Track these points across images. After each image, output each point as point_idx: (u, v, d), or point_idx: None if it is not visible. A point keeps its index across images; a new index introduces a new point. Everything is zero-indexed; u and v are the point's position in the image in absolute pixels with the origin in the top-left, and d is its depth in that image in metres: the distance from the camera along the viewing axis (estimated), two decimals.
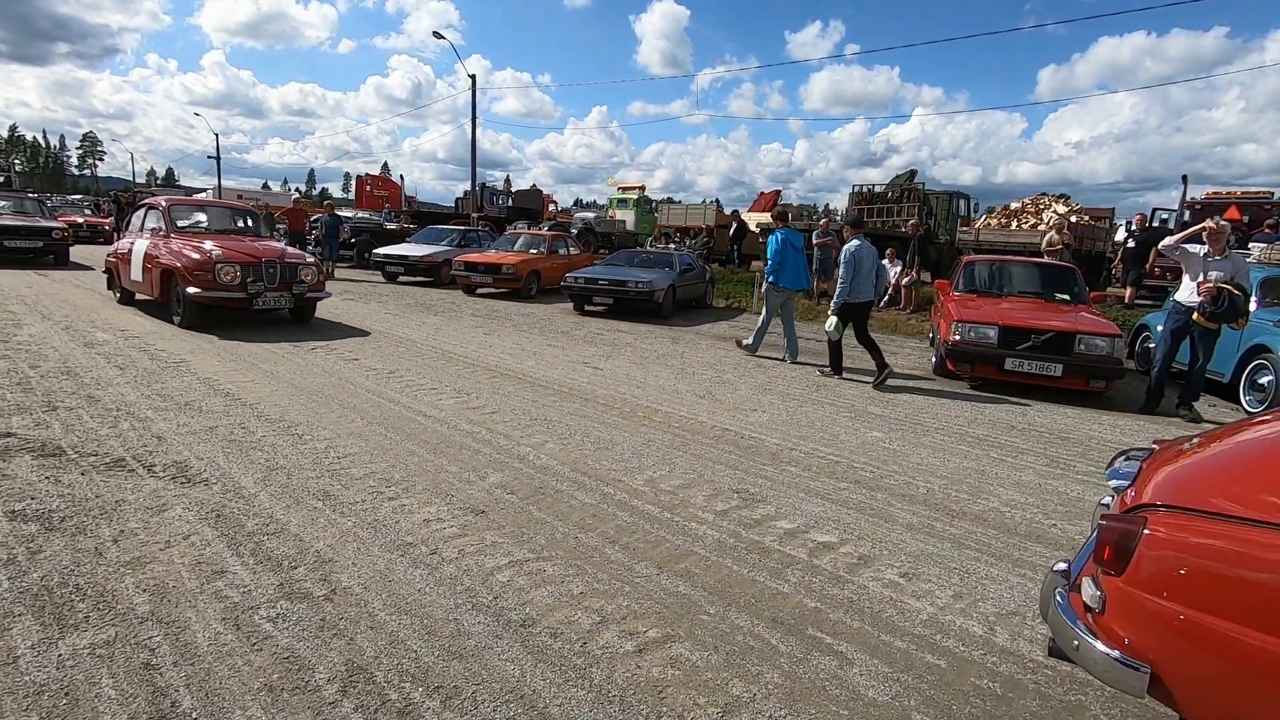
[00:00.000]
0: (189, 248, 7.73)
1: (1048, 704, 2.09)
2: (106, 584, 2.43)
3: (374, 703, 1.92)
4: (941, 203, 19.14)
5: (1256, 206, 14.08)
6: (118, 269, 9.14)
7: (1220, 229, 6.18)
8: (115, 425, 4.17)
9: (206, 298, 7.41)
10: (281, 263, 7.92)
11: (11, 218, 14.09)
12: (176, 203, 9.37)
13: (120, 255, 9.08)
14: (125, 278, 8.88)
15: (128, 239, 9.02)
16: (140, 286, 8.47)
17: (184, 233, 8.35)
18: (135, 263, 8.40)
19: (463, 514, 3.20)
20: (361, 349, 7.18)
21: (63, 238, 13.94)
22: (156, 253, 8.00)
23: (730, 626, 2.41)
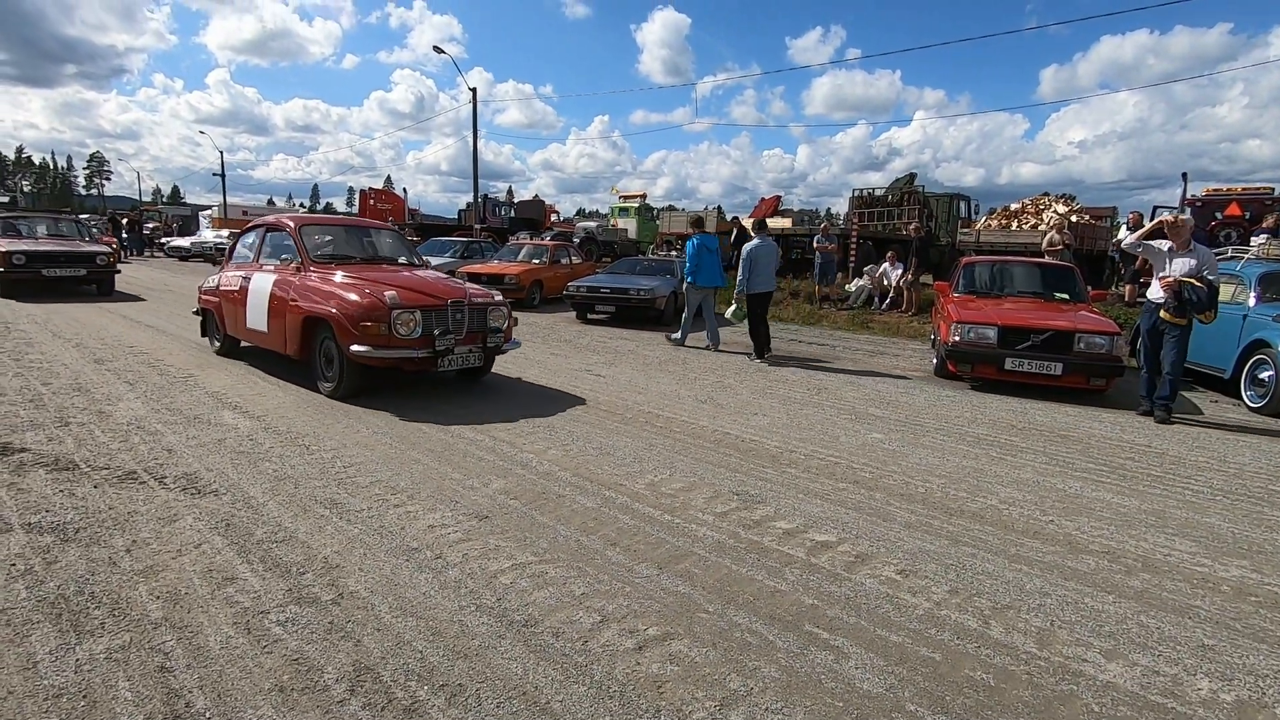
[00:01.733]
0: (345, 287, 5.46)
1: (1039, 693, 2.13)
2: (120, 592, 2.49)
3: (381, 701, 1.98)
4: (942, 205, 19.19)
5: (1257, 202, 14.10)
6: (219, 311, 7.01)
7: (1180, 223, 6.11)
8: (126, 439, 4.25)
9: (378, 359, 5.18)
10: (470, 305, 5.63)
11: (49, 242, 12.41)
12: (310, 222, 6.92)
13: (225, 293, 6.86)
14: (233, 323, 6.71)
15: (234, 271, 6.84)
16: (261, 337, 6.23)
17: (324, 265, 6.00)
18: (255, 305, 6.20)
19: (467, 519, 3.27)
20: None
21: (107, 264, 12.32)
22: (291, 293, 5.77)
23: (729, 624, 2.46)
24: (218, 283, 7.10)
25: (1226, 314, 7.15)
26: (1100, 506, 3.82)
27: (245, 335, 6.59)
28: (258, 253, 6.69)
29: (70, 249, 12.24)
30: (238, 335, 6.79)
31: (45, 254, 11.73)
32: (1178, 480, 4.35)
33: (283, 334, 5.88)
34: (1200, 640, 2.48)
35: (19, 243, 11.92)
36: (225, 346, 7.14)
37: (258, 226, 7.06)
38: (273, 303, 5.96)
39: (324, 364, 5.61)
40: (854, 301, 13.85)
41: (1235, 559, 3.20)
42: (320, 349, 5.63)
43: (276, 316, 5.92)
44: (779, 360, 8.53)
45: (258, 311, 6.17)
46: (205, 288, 7.42)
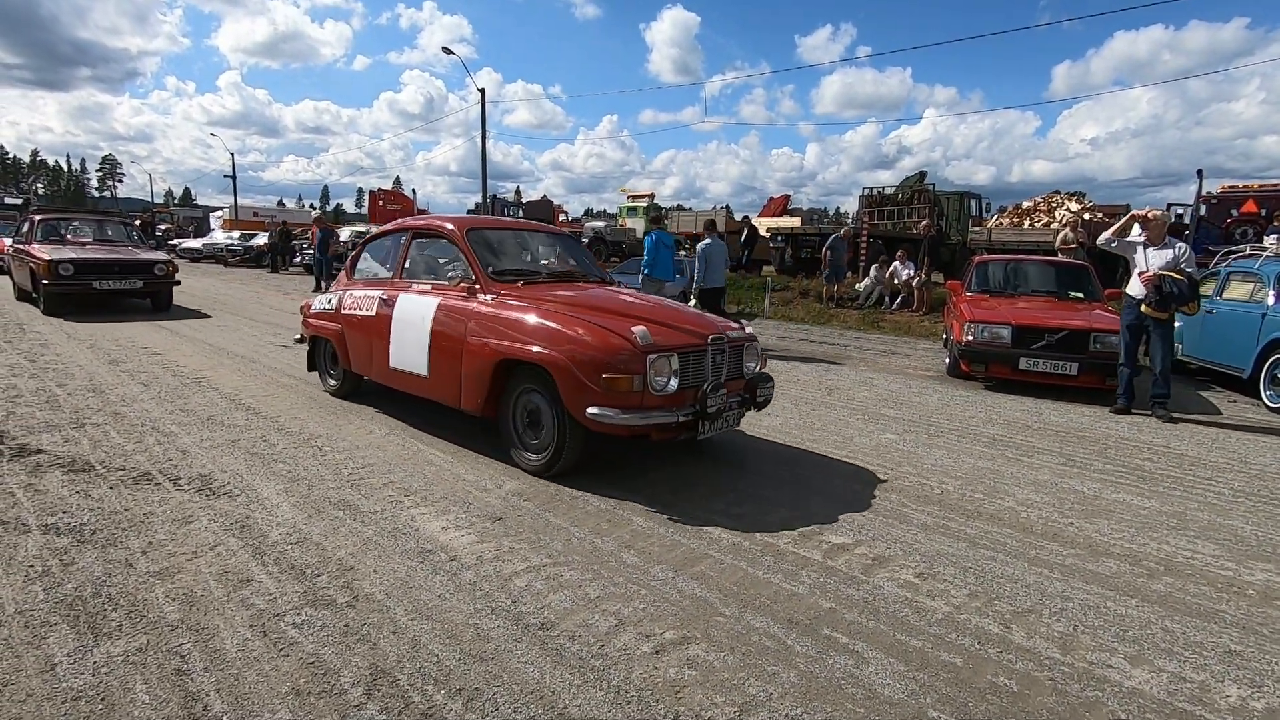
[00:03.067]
0: (562, 318, 3.82)
1: (1064, 700, 2.09)
2: (137, 594, 2.50)
3: (398, 705, 1.96)
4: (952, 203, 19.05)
5: (1274, 199, 13.90)
6: (339, 341, 5.33)
7: (1155, 218, 6.09)
8: (141, 440, 4.27)
9: (625, 425, 3.53)
10: (729, 341, 4.03)
11: (98, 248, 10.47)
12: (478, 225, 4.91)
13: (350, 319, 5.19)
14: (363, 359, 5.10)
15: (362, 290, 5.20)
16: (415, 382, 4.58)
17: (507, 284, 4.31)
18: (405, 339, 4.58)
19: (480, 521, 3.26)
20: None
21: (166, 274, 10.42)
22: (471, 325, 4.11)
23: (746, 627, 2.43)
24: (336, 304, 5.42)
25: (1245, 313, 7.06)
26: (1120, 509, 3.77)
27: (384, 376, 4.89)
28: (400, 266, 4.98)
29: (124, 257, 10.29)
30: (369, 374, 5.13)
31: (96, 263, 9.81)
32: (1198, 482, 4.29)
33: (455, 381, 4.20)
34: (1227, 646, 2.44)
35: (64, 249, 9.96)
36: (345, 386, 5.52)
37: (395, 232, 5.33)
38: (438, 337, 4.30)
39: (524, 426, 4.00)
40: (864, 301, 13.77)
41: (1260, 562, 3.15)
42: (517, 405, 4.02)
43: (445, 356, 4.26)
44: (790, 359, 8.49)
45: (411, 347, 4.50)
46: (317, 309, 5.70)
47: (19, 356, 6.67)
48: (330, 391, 5.67)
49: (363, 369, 5.20)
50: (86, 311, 10.00)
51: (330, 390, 5.69)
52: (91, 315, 9.77)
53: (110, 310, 10.38)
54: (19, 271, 10.84)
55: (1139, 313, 5.93)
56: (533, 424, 3.96)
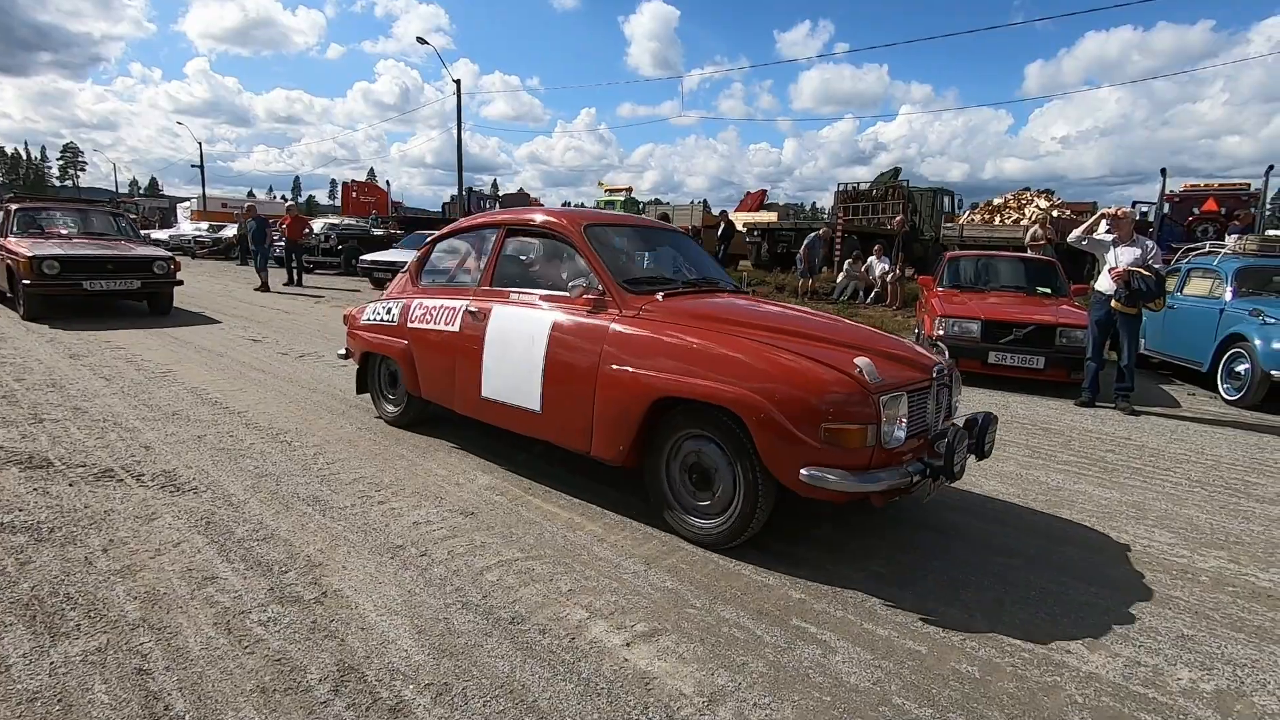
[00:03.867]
0: (740, 344, 2.95)
1: (1024, 685, 2.15)
2: (97, 592, 2.44)
3: (365, 701, 1.95)
4: (926, 199, 19.33)
5: (1233, 199, 14.32)
6: (406, 361, 4.33)
7: (1124, 216, 6.27)
8: (103, 436, 4.17)
9: (849, 491, 2.67)
10: (951, 371, 3.32)
11: (87, 243, 9.17)
12: (598, 221, 3.98)
13: (424, 335, 4.20)
14: (442, 383, 4.10)
15: (437, 300, 4.21)
16: (522, 418, 3.64)
17: (644, 294, 3.43)
18: (507, 362, 3.66)
19: (452, 515, 3.24)
20: None
21: (167, 273, 9.18)
22: (605, 349, 3.24)
23: (716, 619, 2.45)
24: (399, 315, 4.39)
25: (1204, 308, 7.26)
26: (1082, 499, 3.86)
27: (472, 407, 3.91)
28: (489, 271, 3.99)
29: (119, 252, 8.96)
30: (449, 404, 4.10)
31: (86, 260, 8.54)
32: (1157, 472, 4.41)
33: (582, 420, 3.27)
34: (1180, 630, 2.52)
35: (47, 244, 8.70)
36: (409, 414, 4.55)
37: (480, 228, 4.33)
38: (557, 364, 3.38)
39: (687, 482, 3.09)
40: (839, 295, 13.91)
41: (1213, 549, 3.25)
42: (674, 455, 3.11)
43: (568, 388, 3.34)
44: None
45: (514, 374, 3.58)
46: (371, 321, 4.67)
47: None
48: (389, 419, 4.68)
49: (439, 396, 4.17)
50: (78, 318, 8.82)
51: (389, 418, 4.68)
52: (81, 321, 8.62)
53: (101, 314, 9.21)
54: None
55: (1108, 308, 6.07)
56: (700, 480, 3.05)
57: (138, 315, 9.35)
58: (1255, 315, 6.55)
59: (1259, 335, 6.32)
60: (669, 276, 3.97)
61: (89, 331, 8.00)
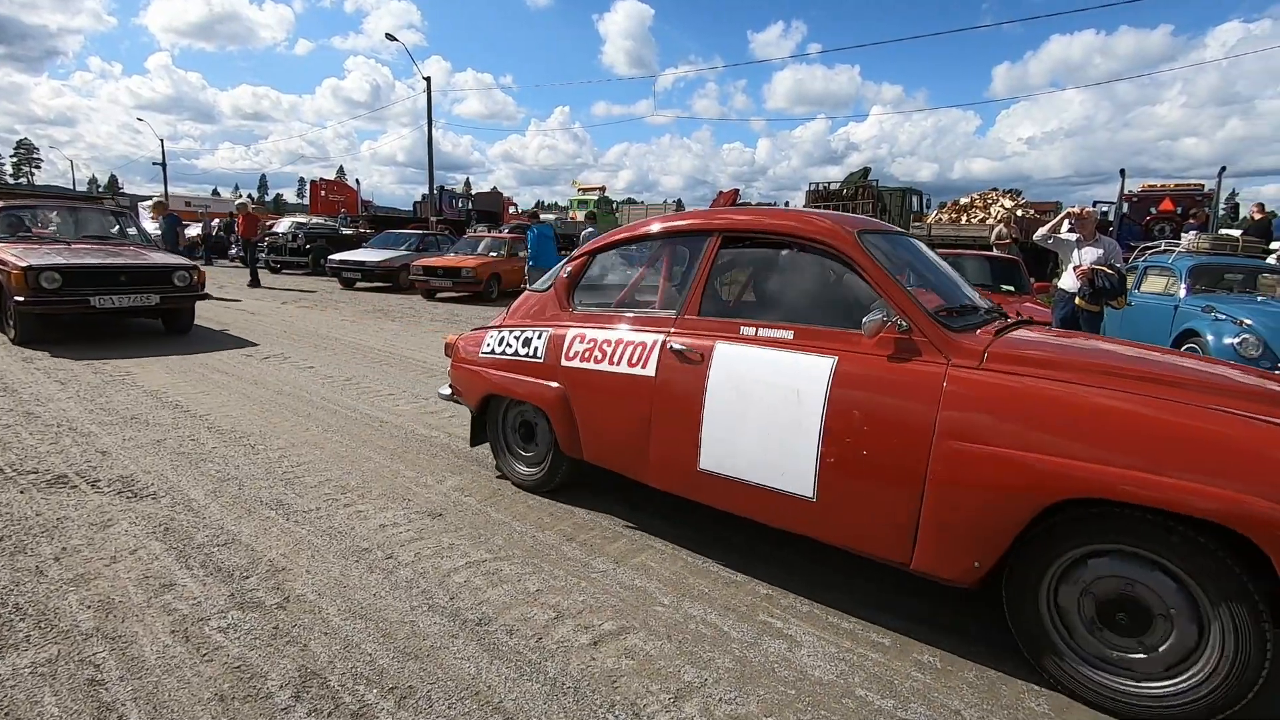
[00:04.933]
0: (1207, 415, 1.93)
1: (984, 675, 2.19)
2: (48, 602, 2.37)
3: (328, 706, 1.92)
4: (895, 199, 19.62)
5: (1188, 198, 14.78)
6: (564, 411, 3.28)
7: (1087, 215, 6.45)
8: (56, 441, 4.04)
9: None
10: None
11: (91, 249, 7.57)
12: (869, 228, 2.92)
13: (584, 377, 3.21)
14: (617, 444, 3.14)
15: (600, 331, 3.21)
16: (770, 504, 2.62)
17: (972, 336, 2.44)
18: (741, 424, 2.67)
19: (420, 518, 3.20)
20: (317, 356, 7.06)
21: (190, 285, 7.56)
22: (944, 420, 2.21)
23: (684, 616, 2.47)
24: (544, 347, 3.35)
25: (1160, 305, 7.49)
26: None
27: (682, 482, 2.91)
28: (698, 294, 2.97)
29: (131, 261, 7.34)
30: (629, 469, 3.11)
31: (94, 271, 6.90)
32: None
33: (902, 515, 2.31)
34: None
35: (43, 251, 7.07)
36: (556, 477, 3.48)
37: (678, 234, 3.29)
38: (847, 431, 2.41)
39: (1092, 621, 2.10)
40: None
41: None
42: (1060, 578, 2.13)
43: (876, 467, 2.36)
44: None
45: (767, 442, 2.59)
46: (499, 355, 3.55)
47: None
48: (522, 482, 3.61)
49: (615, 460, 3.14)
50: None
51: (522, 480, 3.61)
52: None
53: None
54: None
55: (1072, 306, 6.22)
56: (1126, 621, 2.03)
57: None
58: (1208, 311, 6.77)
59: (1211, 331, 6.53)
60: (970, 305, 2.89)
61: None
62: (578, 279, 3.53)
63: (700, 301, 2.97)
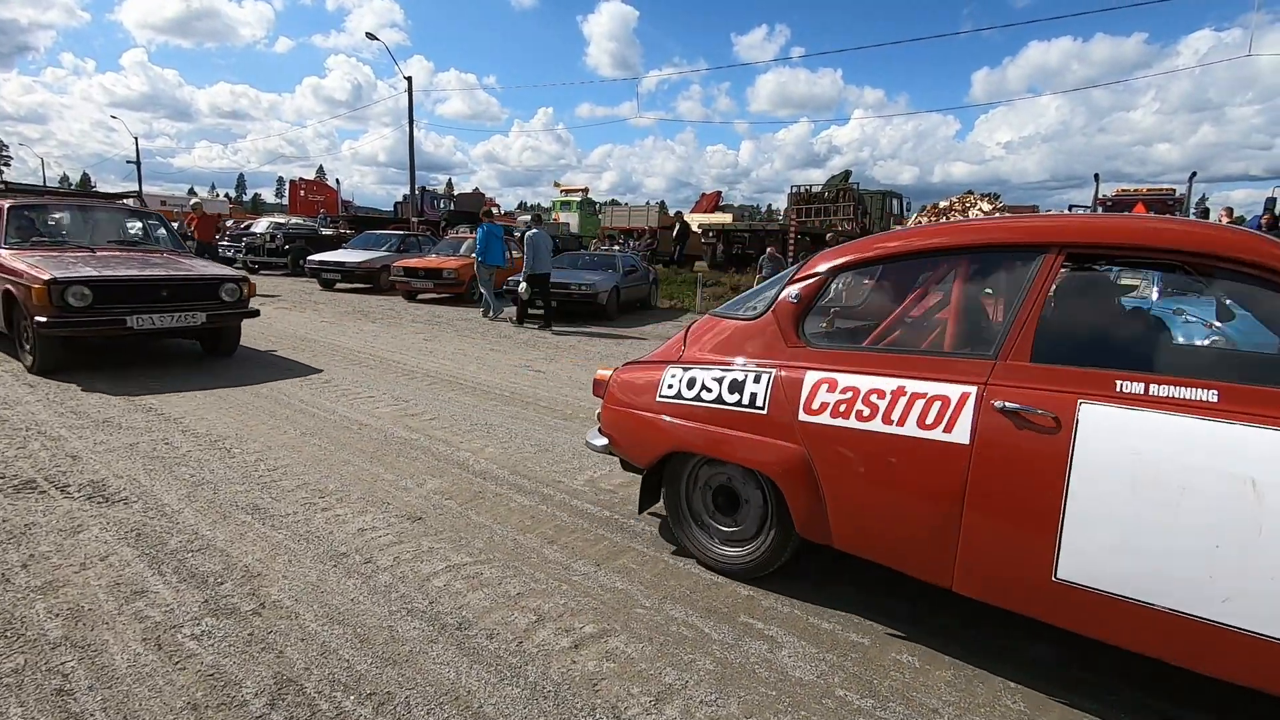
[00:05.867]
0: None
1: (961, 674, 2.22)
2: (15, 610, 2.31)
3: (304, 713, 1.89)
4: (875, 202, 19.81)
5: (1160, 202, 15.10)
6: (805, 478, 2.47)
7: None
8: (25, 445, 3.95)
9: None
10: None
11: (126, 258, 6.38)
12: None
13: (843, 438, 2.38)
14: (898, 532, 2.34)
15: (867, 378, 2.37)
16: (1178, 637, 1.85)
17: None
18: (1135, 521, 1.88)
19: (399, 521, 3.17)
20: (295, 358, 6.97)
21: (240, 299, 6.45)
22: None
23: (665, 618, 2.47)
24: (765, 393, 2.59)
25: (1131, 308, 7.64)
26: None
27: (1023, 591, 2.12)
28: (1028, 332, 2.18)
29: (173, 273, 6.10)
30: (919, 568, 2.35)
31: (132, 285, 5.74)
32: None
33: None
34: None
35: (66, 261, 5.88)
36: (782, 559, 2.74)
37: (982, 248, 2.53)
38: None
39: None
40: None
41: None
42: None
43: None
44: None
45: (1195, 554, 1.83)
46: (687, 400, 2.79)
47: None
48: (724, 567, 2.82)
49: (897, 554, 2.39)
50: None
51: (724, 564, 2.82)
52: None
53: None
54: None
55: None
56: None
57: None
58: (1178, 314, 6.92)
59: (1182, 333, 6.67)
60: None
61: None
62: (810, 304, 2.68)
63: (1033, 342, 2.18)
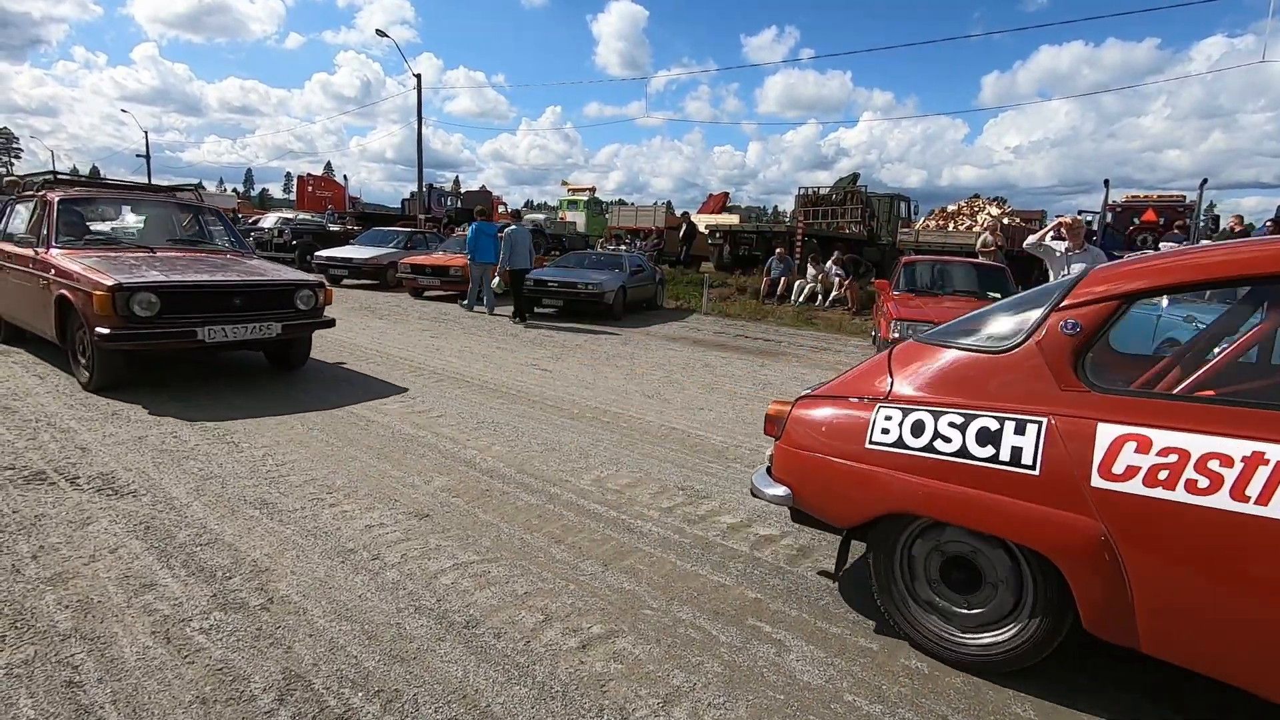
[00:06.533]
0: None
1: (970, 681, 2.20)
2: (24, 602, 2.32)
3: (312, 710, 1.89)
4: (883, 205, 19.74)
5: (1170, 209, 14.99)
6: (1115, 566, 1.88)
7: (1077, 224, 6.50)
8: (35, 437, 3.97)
9: None
10: None
11: (191, 261, 5.66)
12: None
13: (1161, 511, 1.80)
14: (1254, 643, 1.71)
15: (1219, 443, 1.72)
16: None
17: None
18: None
19: (406, 519, 3.17)
20: None
21: (315, 306, 5.67)
22: None
23: (673, 620, 2.46)
24: (1036, 450, 2.00)
25: (1141, 315, 7.58)
26: None
27: None
28: None
29: (249, 279, 5.38)
30: (1263, 682, 1.74)
31: (203, 292, 5.04)
32: None
33: None
34: None
35: (128, 264, 5.16)
36: (1044, 652, 2.14)
37: None
38: None
39: None
40: (797, 298, 14.12)
41: None
42: None
43: None
44: (726, 352, 8.63)
45: None
46: (916, 448, 2.21)
47: None
48: (954, 657, 2.28)
49: (1252, 672, 1.79)
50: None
51: (957, 654, 2.27)
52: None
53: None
54: (15, 299, 5.94)
55: None
56: None
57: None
58: (1189, 321, 6.86)
59: None
60: None
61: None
62: (1093, 338, 2.13)
63: None
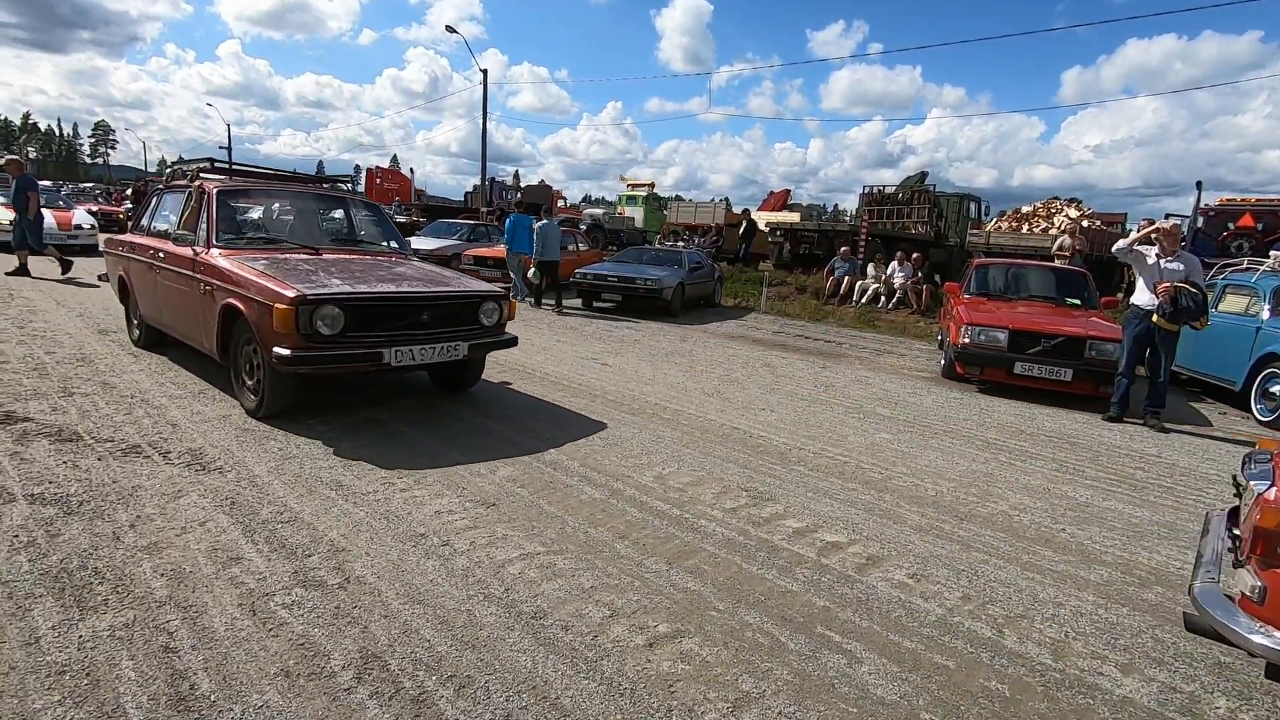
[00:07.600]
0: None
1: (1056, 706, 2.10)
2: (124, 568, 2.46)
3: (389, 690, 1.94)
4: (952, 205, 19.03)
5: (1271, 214, 13.96)
6: None
7: (1174, 229, 6.06)
8: (130, 412, 4.21)
9: None
10: None
11: (367, 269, 4.71)
12: None
13: None
14: None
15: None
16: None
17: None
18: None
19: (474, 506, 3.23)
20: None
21: (499, 322, 4.82)
22: None
23: (740, 623, 2.42)
24: None
25: (1239, 326, 7.09)
26: (1111, 516, 3.78)
27: None
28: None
29: (436, 289, 4.53)
30: None
31: (391, 306, 4.25)
32: (1189, 492, 4.31)
33: None
34: (1217, 657, 2.45)
35: (303, 271, 4.33)
36: None
37: None
38: None
39: None
40: (859, 300, 13.77)
41: None
42: None
43: None
44: (787, 353, 8.49)
45: None
46: None
47: (6, 322, 6.56)
48: None
49: None
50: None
51: None
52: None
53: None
54: (170, 305, 5.17)
55: (1148, 324, 5.89)
56: None
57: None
58: None
59: None
60: None
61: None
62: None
63: None
